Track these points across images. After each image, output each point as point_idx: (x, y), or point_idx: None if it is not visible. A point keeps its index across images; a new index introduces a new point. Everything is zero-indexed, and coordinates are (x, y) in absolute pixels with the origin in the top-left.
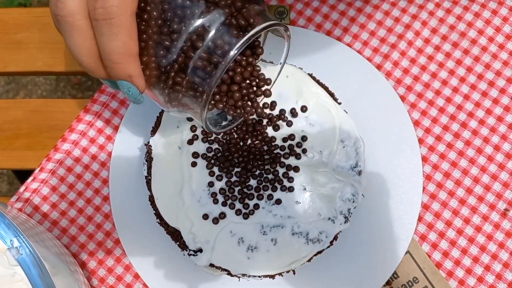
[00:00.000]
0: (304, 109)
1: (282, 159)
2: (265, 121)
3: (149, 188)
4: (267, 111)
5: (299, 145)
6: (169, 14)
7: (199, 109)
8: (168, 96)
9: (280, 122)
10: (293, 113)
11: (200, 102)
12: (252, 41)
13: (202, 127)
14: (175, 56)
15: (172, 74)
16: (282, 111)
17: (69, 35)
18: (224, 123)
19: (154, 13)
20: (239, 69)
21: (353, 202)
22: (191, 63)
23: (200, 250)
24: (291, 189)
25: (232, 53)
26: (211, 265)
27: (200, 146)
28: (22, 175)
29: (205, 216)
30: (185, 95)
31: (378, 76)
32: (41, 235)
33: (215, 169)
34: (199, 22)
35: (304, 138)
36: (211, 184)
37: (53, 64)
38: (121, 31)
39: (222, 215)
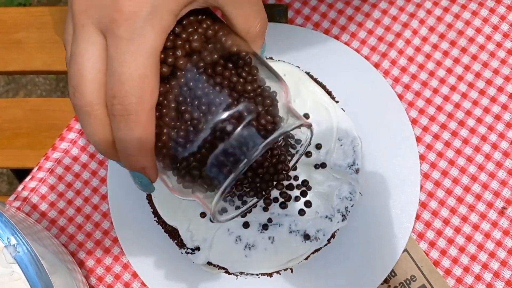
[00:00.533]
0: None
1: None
2: None
3: None
4: None
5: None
6: (190, 102)
7: (209, 201)
8: (180, 184)
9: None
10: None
11: (211, 197)
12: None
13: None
14: (193, 149)
15: (189, 162)
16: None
17: (86, 124)
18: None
19: (179, 97)
20: (266, 163)
21: (351, 200)
22: (210, 158)
23: (198, 249)
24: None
25: (256, 153)
26: (209, 263)
27: None
28: (22, 174)
29: (203, 215)
30: (197, 186)
31: (376, 75)
32: (39, 234)
33: None
34: (224, 115)
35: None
36: None
37: (53, 63)
38: (137, 126)
39: None
